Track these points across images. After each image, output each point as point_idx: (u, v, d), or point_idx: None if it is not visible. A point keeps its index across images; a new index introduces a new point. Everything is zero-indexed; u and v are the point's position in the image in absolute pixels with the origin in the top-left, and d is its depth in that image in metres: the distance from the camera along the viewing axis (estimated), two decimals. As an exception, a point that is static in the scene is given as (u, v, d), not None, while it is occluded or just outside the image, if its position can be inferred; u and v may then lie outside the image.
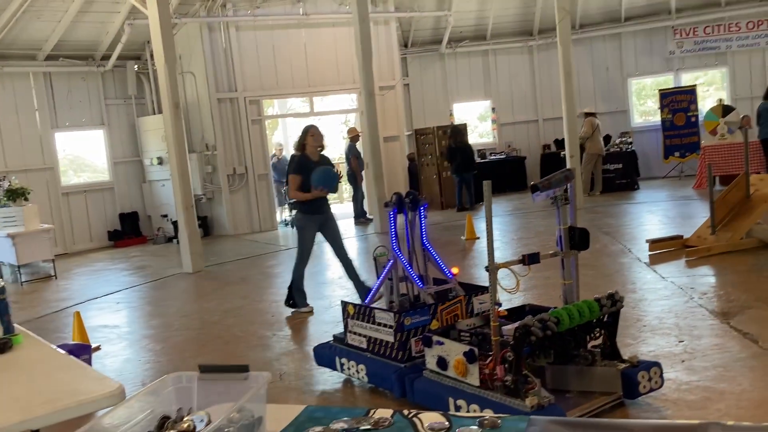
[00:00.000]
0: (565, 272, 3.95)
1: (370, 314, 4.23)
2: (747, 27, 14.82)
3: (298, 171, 6.43)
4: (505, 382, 3.41)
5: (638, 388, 3.63)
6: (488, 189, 3.54)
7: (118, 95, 13.79)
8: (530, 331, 3.38)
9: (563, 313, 3.53)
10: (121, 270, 10.65)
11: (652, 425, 1.73)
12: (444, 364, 3.70)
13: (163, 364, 5.41)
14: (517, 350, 3.39)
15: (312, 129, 6.55)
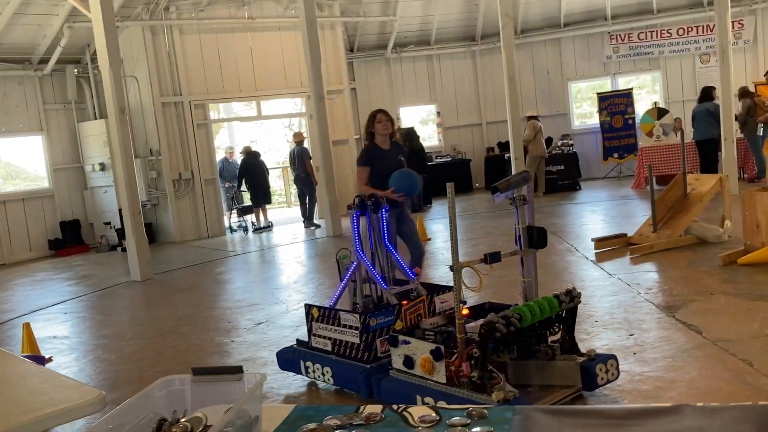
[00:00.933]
0: (525, 270, 4.08)
1: (335, 316, 4.27)
2: (678, 33, 15.50)
3: (367, 163, 5.76)
4: (472, 378, 3.51)
5: (596, 380, 3.78)
6: (451, 190, 3.64)
7: (57, 100, 13.39)
8: (495, 327, 3.49)
9: (525, 309, 3.66)
10: (64, 279, 10.35)
11: (629, 409, 1.85)
12: (410, 362, 3.78)
13: (120, 373, 5.31)
14: (482, 346, 3.49)
15: (379, 114, 5.78)
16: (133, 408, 1.75)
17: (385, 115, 5.78)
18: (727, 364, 4.16)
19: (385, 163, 5.73)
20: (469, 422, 1.80)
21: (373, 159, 5.76)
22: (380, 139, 5.80)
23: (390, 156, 5.78)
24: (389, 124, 5.74)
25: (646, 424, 1.69)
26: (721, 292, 5.73)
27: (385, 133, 5.74)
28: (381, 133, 5.75)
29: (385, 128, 5.72)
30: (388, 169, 5.67)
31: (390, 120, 5.77)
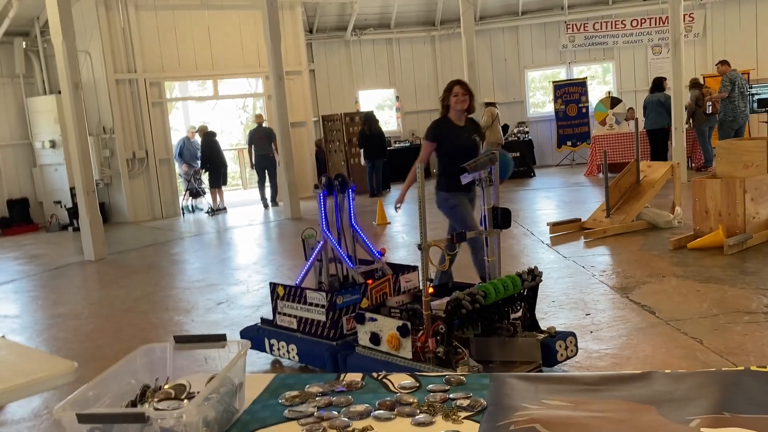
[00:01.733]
0: (489, 249, 4.18)
1: (301, 295, 4.29)
2: (632, 24, 15.84)
3: (435, 138, 5.19)
4: (437, 353, 3.58)
5: (556, 356, 3.90)
6: (421, 172, 3.69)
7: (4, 73, 12.92)
8: (461, 304, 3.57)
9: (490, 287, 3.75)
10: (13, 259, 10.06)
11: (601, 376, 1.93)
12: (377, 339, 3.83)
13: (79, 351, 5.22)
14: (448, 323, 3.57)
15: (457, 87, 5.16)
16: (116, 375, 1.75)
17: (463, 88, 5.15)
18: (679, 341, 4.34)
19: (456, 141, 5.17)
20: (448, 388, 1.86)
21: (442, 135, 5.18)
22: (455, 114, 5.18)
23: (463, 133, 5.19)
24: (467, 98, 5.13)
25: (617, 389, 1.77)
26: (672, 275, 5.94)
27: (460, 108, 5.13)
28: (456, 107, 5.13)
29: (462, 103, 5.11)
30: (460, 148, 5.12)
31: (468, 93, 5.14)
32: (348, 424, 1.66)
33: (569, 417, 1.61)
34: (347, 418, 1.70)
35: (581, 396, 1.74)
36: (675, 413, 1.58)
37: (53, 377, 2.23)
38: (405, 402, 1.78)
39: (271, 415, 1.76)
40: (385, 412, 1.72)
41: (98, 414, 1.44)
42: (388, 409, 1.75)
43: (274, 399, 1.86)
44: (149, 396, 1.70)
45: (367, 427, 1.64)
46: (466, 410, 1.70)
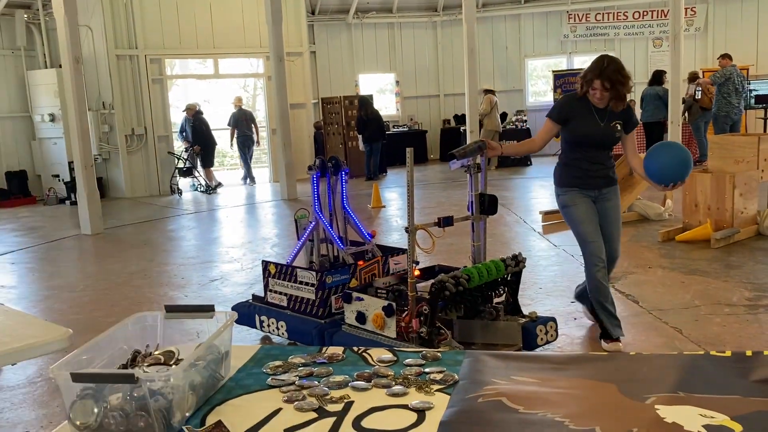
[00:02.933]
0: (475, 234, 4.26)
1: (292, 273, 4.38)
2: (633, 17, 15.86)
3: (557, 119, 4.19)
4: (420, 333, 3.69)
5: (536, 340, 4.02)
6: (410, 156, 3.77)
7: (5, 45, 12.93)
8: (445, 286, 3.67)
9: (474, 270, 3.85)
10: (10, 231, 10.14)
11: (568, 356, 2.04)
12: (363, 318, 3.95)
13: (73, 322, 5.31)
14: (432, 304, 3.68)
15: (611, 66, 3.93)
16: (109, 341, 1.85)
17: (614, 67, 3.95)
18: (659, 330, 4.45)
19: (584, 127, 4.09)
20: (424, 362, 1.96)
21: (570, 115, 4.13)
22: (598, 96, 3.99)
23: (598, 119, 4.07)
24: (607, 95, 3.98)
25: (582, 368, 1.88)
26: (658, 266, 6.05)
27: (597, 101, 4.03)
28: (598, 88, 3.95)
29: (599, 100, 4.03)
30: (592, 138, 4.09)
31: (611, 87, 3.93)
32: (327, 392, 1.77)
33: (534, 392, 1.72)
34: (326, 388, 1.80)
35: (548, 374, 1.84)
36: (634, 391, 1.69)
37: (48, 342, 2.34)
38: (382, 374, 1.88)
39: (254, 382, 1.86)
40: (363, 383, 1.82)
41: (91, 373, 1.54)
42: (366, 380, 1.85)
43: (258, 368, 1.96)
44: (139, 360, 1.80)
45: (345, 396, 1.74)
46: (438, 383, 1.80)
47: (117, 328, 1.91)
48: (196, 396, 1.69)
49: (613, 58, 4.07)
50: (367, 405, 1.69)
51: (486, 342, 4.03)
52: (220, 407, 1.71)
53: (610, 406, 1.63)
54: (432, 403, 1.67)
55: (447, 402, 1.68)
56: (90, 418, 1.54)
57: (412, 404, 1.68)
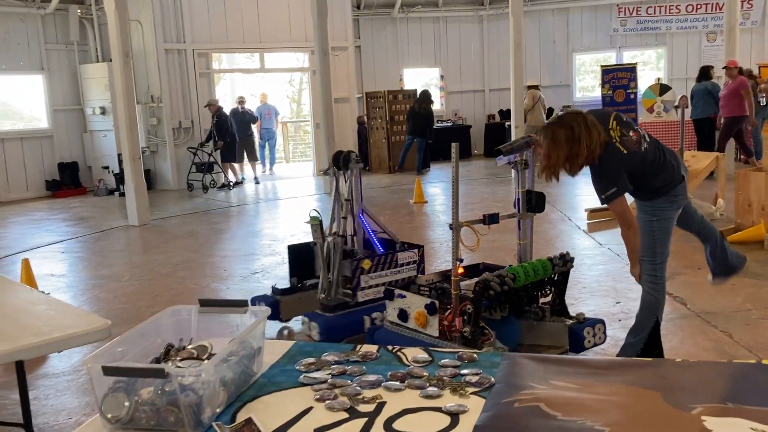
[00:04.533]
0: (521, 233, 4.16)
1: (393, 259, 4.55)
2: (686, 10, 15.40)
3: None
4: (464, 333, 3.63)
5: (584, 342, 3.91)
6: (456, 151, 3.67)
7: (59, 40, 13.27)
8: (489, 285, 3.60)
9: (520, 270, 3.77)
10: (62, 220, 10.42)
11: (610, 361, 1.96)
12: (405, 316, 3.89)
13: (117, 312, 5.42)
14: (476, 303, 3.60)
15: None
16: (143, 333, 1.85)
17: None
18: (708, 334, 4.30)
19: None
20: (459, 364, 1.91)
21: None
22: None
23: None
24: None
25: (625, 374, 1.80)
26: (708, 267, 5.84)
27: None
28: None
29: None
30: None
31: None
32: (359, 392, 1.73)
33: (574, 398, 1.65)
34: (359, 387, 1.76)
35: (588, 379, 1.77)
36: (679, 400, 1.61)
37: (88, 333, 2.37)
38: (416, 375, 1.84)
39: (287, 379, 1.84)
40: (396, 383, 1.78)
41: (122, 367, 1.54)
42: (400, 380, 1.81)
43: (291, 365, 1.94)
44: (172, 354, 1.79)
45: (377, 396, 1.71)
46: (474, 386, 1.75)
47: (152, 320, 1.92)
48: (227, 392, 1.68)
49: None
50: (399, 406, 1.66)
51: (532, 343, 3.95)
52: (251, 404, 1.70)
53: (654, 415, 1.56)
54: (466, 407, 1.63)
55: (482, 406, 1.64)
56: (121, 412, 1.55)
57: (445, 407, 1.63)
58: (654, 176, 3.58)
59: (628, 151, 3.44)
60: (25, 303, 2.70)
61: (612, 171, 3.45)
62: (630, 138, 3.49)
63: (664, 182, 3.61)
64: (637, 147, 3.49)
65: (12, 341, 2.24)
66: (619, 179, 3.45)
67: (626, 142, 3.46)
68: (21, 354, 2.23)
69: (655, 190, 3.63)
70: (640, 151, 3.50)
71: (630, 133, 3.50)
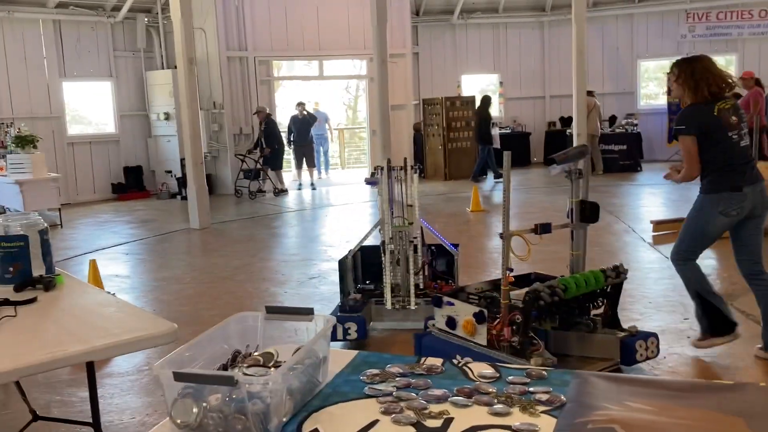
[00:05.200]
0: (575, 243, 4.12)
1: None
2: (759, 15, 14.84)
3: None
4: (512, 342, 3.61)
5: (635, 355, 3.85)
6: (508, 160, 3.67)
7: (127, 47, 13.72)
8: (539, 296, 3.57)
9: (571, 281, 3.73)
10: (126, 222, 10.73)
11: (691, 383, 1.87)
12: (453, 323, 3.91)
13: (178, 314, 5.53)
14: (525, 313, 3.59)
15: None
16: (211, 339, 1.86)
17: None
18: (784, 355, 4.09)
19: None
20: (528, 381, 1.85)
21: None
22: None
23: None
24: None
25: (705, 398, 1.71)
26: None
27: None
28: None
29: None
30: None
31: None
32: (425, 406, 1.69)
33: (651, 421, 1.58)
34: (425, 401, 1.73)
35: (666, 401, 1.69)
36: (764, 428, 1.51)
37: (155, 336, 2.39)
38: (483, 391, 1.79)
39: (351, 390, 1.82)
40: (463, 399, 1.73)
41: (192, 374, 1.54)
42: (467, 396, 1.76)
43: (355, 375, 1.91)
44: (239, 361, 1.79)
45: (444, 412, 1.67)
46: (544, 404, 1.69)
47: (219, 327, 1.92)
48: (293, 401, 1.67)
49: None
50: (467, 423, 1.61)
51: (583, 355, 3.88)
52: (317, 414, 1.68)
53: (739, 443, 1.47)
54: (537, 426, 1.57)
55: (554, 425, 1.57)
56: (190, 418, 1.55)
57: (515, 426, 1.58)
58: (716, 165, 3.89)
59: (719, 116, 3.84)
60: (94, 304, 2.75)
61: (695, 116, 3.88)
62: (730, 118, 3.87)
63: (718, 178, 3.90)
64: (728, 127, 3.85)
65: (84, 342, 2.28)
66: (694, 125, 3.87)
67: (723, 113, 3.85)
68: (92, 355, 2.27)
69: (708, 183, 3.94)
70: (728, 133, 3.85)
71: (733, 117, 3.88)
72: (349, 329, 4.48)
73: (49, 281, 2.90)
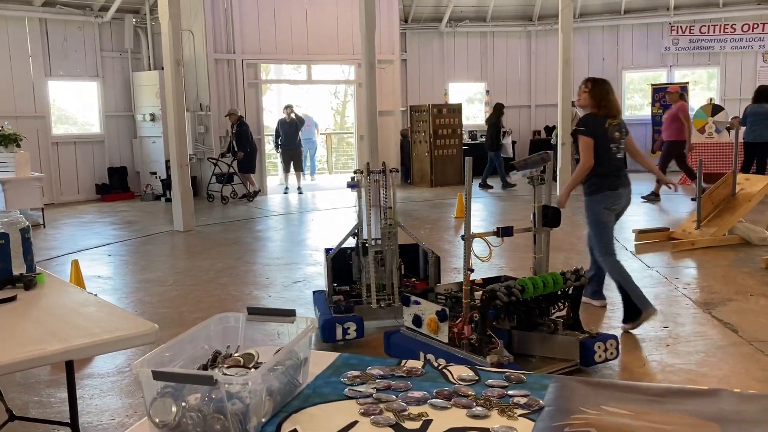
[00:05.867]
0: (537, 247, 4.32)
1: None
2: (742, 29, 15.04)
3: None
4: (471, 340, 3.73)
5: (594, 357, 3.97)
6: (469, 165, 3.85)
7: (114, 48, 13.64)
8: (496, 295, 3.70)
9: (528, 282, 3.86)
10: (109, 223, 10.66)
11: (666, 388, 1.89)
12: (419, 321, 4.05)
13: (160, 316, 5.50)
14: (482, 312, 3.71)
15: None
16: (191, 339, 1.86)
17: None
18: (761, 363, 4.15)
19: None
20: (507, 384, 1.87)
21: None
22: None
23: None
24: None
25: (682, 403, 1.73)
26: (760, 294, 5.66)
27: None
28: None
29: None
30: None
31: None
32: (404, 408, 1.70)
33: (627, 425, 1.60)
34: (404, 403, 1.74)
35: (643, 406, 1.71)
36: (739, 434, 1.54)
37: (136, 336, 2.39)
38: (462, 393, 1.80)
39: (332, 391, 1.82)
40: (442, 401, 1.75)
41: (171, 372, 1.54)
42: (446, 398, 1.77)
43: (336, 377, 1.92)
44: (219, 362, 1.79)
45: (423, 414, 1.68)
46: (523, 408, 1.71)
47: (200, 327, 1.92)
48: (272, 402, 1.67)
49: None
50: (445, 425, 1.62)
51: (543, 355, 4.03)
52: (296, 415, 1.68)
53: (713, 447, 1.49)
54: (515, 429, 1.58)
55: (531, 429, 1.59)
56: (169, 417, 1.55)
57: (493, 428, 1.59)
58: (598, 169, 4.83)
59: (607, 128, 4.85)
60: (75, 304, 2.74)
61: (592, 123, 4.86)
62: (614, 133, 4.87)
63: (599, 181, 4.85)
64: (612, 140, 4.85)
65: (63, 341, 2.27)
66: (590, 129, 4.83)
67: (611, 128, 4.86)
68: (71, 354, 2.26)
69: (591, 185, 4.89)
70: (611, 144, 4.85)
71: (616, 133, 4.88)
72: (348, 329, 4.59)
73: (29, 280, 2.89)
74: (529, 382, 1.88)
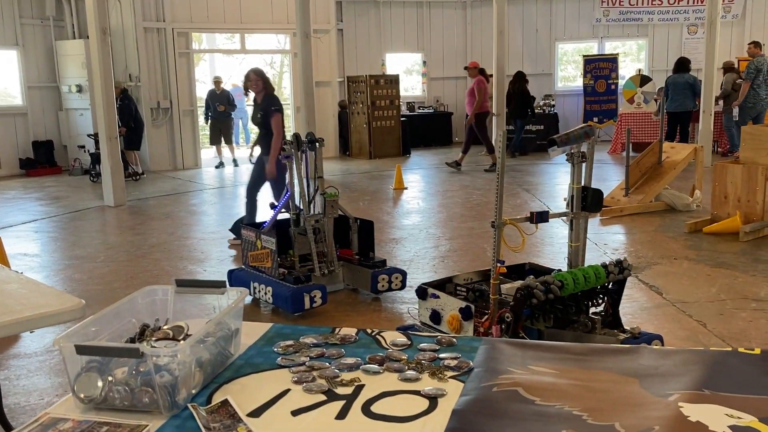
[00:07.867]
0: (574, 234, 3.69)
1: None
2: (669, 2, 15.48)
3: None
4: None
5: None
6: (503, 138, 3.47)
7: (34, 15, 12.98)
8: (533, 293, 3.23)
9: (568, 277, 3.37)
10: (36, 199, 10.25)
11: (590, 347, 1.97)
12: (437, 318, 3.66)
13: (92, 293, 5.35)
14: (516, 312, 3.23)
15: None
16: (117, 313, 1.82)
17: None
18: (682, 323, 4.35)
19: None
20: (438, 348, 1.91)
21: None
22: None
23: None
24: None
25: (603, 361, 1.80)
26: (684, 258, 5.92)
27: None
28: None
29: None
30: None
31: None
32: (337, 374, 1.72)
33: (552, 383, 1.65)
34: (337, 370, 1.75)
35: (567, 365, 1.77)
36: (656, 387, 1.61)
37: (61, 312, 2.32)
38: (394, 358, 1.83)
39: (264, 361, 1.82)
40: (375, 366, 1.77)
41: (95, 346, 1.51)
42: (378, 363, 1.79)
43: (269, 347, 1.91)
44: (148, 335, 1.76)
45: (355, 379, 1.69)
46: (452, 370, 1.74)
47: (127, 300, 1.88)
48: (203, 373, 1.66)
49: None
50: (378, 389, 1.64)
51: None
52: (228, 385, 1.67)
53: (631, 401, 1.56)
54: (445, 390, 1.62)
55: (461, 390, 1.63)
56: (94, 392, 1.51)
57: (424, 390, 1.62)
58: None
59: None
60: (-4, 281, 2.63)
61: (279, 101, 6.53)
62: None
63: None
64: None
65: (-18, 320, 2.18)
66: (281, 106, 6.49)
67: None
68: (-9, 333, 2.18)
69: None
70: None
71: None
72: (315, 297, 4.57)
73: (-55, 258, 2.76)
74: (460, 345, 1.92)
